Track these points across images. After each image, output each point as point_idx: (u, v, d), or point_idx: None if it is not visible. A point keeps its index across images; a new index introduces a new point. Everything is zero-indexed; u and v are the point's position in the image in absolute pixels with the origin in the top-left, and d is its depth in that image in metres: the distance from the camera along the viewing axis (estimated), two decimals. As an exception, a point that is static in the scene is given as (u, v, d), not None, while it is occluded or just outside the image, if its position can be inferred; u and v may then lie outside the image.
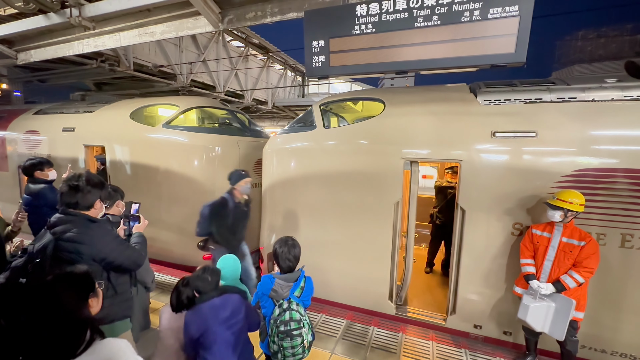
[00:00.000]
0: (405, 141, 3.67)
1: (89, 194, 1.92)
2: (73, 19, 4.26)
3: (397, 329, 3.59)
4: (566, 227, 2.82)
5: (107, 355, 1.11)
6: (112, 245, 1.96)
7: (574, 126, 3.10)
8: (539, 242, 2.95)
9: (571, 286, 2.72)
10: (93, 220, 1.96)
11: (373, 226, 3.85)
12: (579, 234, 2.77)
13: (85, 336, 1.11)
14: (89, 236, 1.86)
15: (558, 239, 2.84)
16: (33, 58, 6.01)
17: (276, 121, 15.52)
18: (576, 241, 2.75)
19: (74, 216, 1.90)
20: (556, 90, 3.33)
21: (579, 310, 2.80)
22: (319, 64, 2.97)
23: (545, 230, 2.94)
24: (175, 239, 5.08)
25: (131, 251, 2.08)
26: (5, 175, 6.73)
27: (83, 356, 1.08)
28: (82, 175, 1.96)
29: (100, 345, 1.12)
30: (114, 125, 5.56)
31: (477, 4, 2.36)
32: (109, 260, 1.94)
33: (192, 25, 4.29)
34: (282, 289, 2.02)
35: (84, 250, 1.83)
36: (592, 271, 2.68)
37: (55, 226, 1.86)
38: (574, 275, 2.71)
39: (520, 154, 3.22)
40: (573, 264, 2.77)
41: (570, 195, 2.75)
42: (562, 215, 2.77)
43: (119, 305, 2.08)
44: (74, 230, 1.84)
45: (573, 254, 2.75)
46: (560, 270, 2.81)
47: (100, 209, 2.04)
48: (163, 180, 5.09)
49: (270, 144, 4.61)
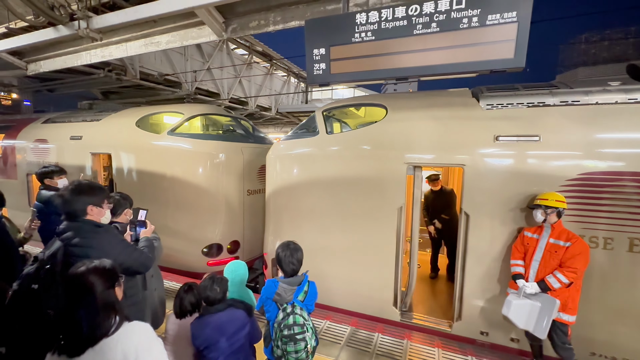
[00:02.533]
0: (407, 146, 3.68)
1: (76, 202, 1.95)
2: (81, 30, 4.38)
3: (402, 335, 3.55)
4: (554, 229, 2.89)
5: (135, 336, 1.30)
6: (119, 248, 1.98)
7: (579, 129, 3.08)
8: (528, 243, 3.03)
9: (555, 286, 2.77)
10: (99, 225, 1.99)
11: (376, 231, 3.84)
12: (566, 235, 2.83)
13: (114, 318, 1.29)
14: (96, 240, 1.90)
15: (546, 239, 2.92)
16: (42, 69, 6.17)
17: (280, 127, 15.61)
18: (562, 242, 2.82)
19: (79, 222, 1.94)
20: (559, 93, 3.32)
21: (567, 312, 2.81)
22: (320, 72, 3.00)
23: (535, 233, 3.03)
24: (180, 245, 5.12)
25: (139, 253, 2.10)
26: (15, 183, 6.86)
27: (115, 335, 1.26)
28: (69, 185, 2.00)
29: (129, 326, 1.32)
30: (120, 133, 5.65)
31: (476, 10, 2.38)
32: (118, 264, 1.96)
33: (196, 35, 4.38)
34: (285, 293, 2.03)
35: (93, 254, 1.85)
36: (575, 271, 2.71)
37: (62, 233, 1.90)
38: (557, 276, 2.76)
39: (524, 158, 3.21)
40: (559, 264, 2.82)
41: (548, 195, 2.89)
42: (543, 213, 2.88)
43: (128, 308, 2.11)
44: (81, 235, 1.88)
45: (558, 254, 2.81)
46: (546, 271, 2.88)
47: (99, 213, 2.05)
48: (168, 187, 5.14)
49: (274, 150, 4.65)
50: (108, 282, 1.37)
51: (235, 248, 5.41)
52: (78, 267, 1.35)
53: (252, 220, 5.60)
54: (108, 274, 1.39)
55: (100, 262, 1.42)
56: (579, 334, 3.02)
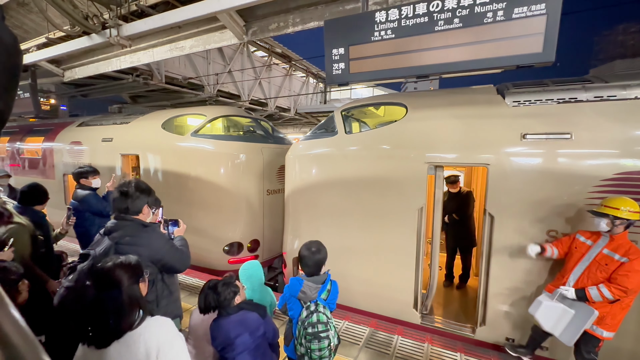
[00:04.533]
0: (428, 145, 3.60)
1: (138, 199, 2.04)
2: (112, 38, 4.64)
3: (422, 339, 3.48)
4: (613, 239, 2.58)
5: (157, 330, 1.33)
6: (166, 247, 2.07)
7: (615, 126, 2.88)
8: (577, 247, 2.78)
9: (594, 298, 2.52)
10: (145, 225, 2.07)
11: (396, 232, 3.79)
12: (625, 250, 2.50)
13: (138, 312, 1.34)
14: (145, 239, 1.99)
15: (599, 249, 2.63)
16: (77, 75, 6.59)
17: (298, 128, 15.74)
18: (618, 255, 2.50)
19: (128, 221, 2.03)
20: (593, 88, 3.13)
21: (602, 327, 2.59)
22: (339, 71, 3.00)
23: (589, 239, 2.74)
24: (202, 243, 5.28)
25: (180, 253, 2.19)
26: (53, 182, 7.34)
27: (138, 329, 1.30)
28: (131, 182, 2.08)
29: (152, 321, 1.37)
30: (147, 135, 5.91)
31: (501, 4, 2.29)
32: (163, 262, 2.06)
33: (218, 39, 4.52)
34: (310, 291, 2.05)
35: (143, 252, 1.95)
36: (625, 291, 2.42)
37: (112, 231, 1.98)
38: (602, 290, 2.49)
39: (554, 156, 3.04)
40: (607, 278, 2.55)
41: (620, 203, 2.50)
42: (609, 224, 2.53)
43: (173, 304, 2.21)
44: (131, 234, 1.97)
45: (609, 267, 2.53)
46: (589, 281, 2.63)
47: (148, 214, 2.15)
48: (191, 187, 5.32)
49: (293, 151, 4.70)
50: (133, 277, 1.42)
51: (255, 247, 5.51)
52: (106, 262, 1.42)
53: (271, 220, 5.68)
54: (133, 269, 1.45)
55: (126, 258, 1.48)
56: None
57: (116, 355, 1.26)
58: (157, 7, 4.60)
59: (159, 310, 2.07)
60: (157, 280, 2.07)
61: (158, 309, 2.07)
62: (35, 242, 2.67)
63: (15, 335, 0.47)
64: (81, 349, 1.32)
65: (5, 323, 0.47)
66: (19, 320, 0.49)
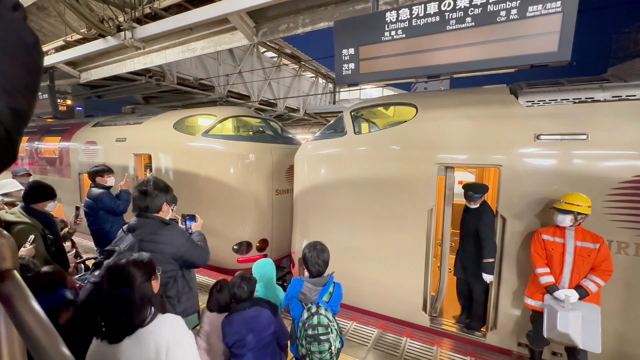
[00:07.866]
0: (439, 146, 3.55)
1: (157, 197, 2.08)
2: (126, 40, 4.75)
3: (431, 341, 3.44)
4: (577, 231, 2.74)
5: (167, 328, 1.34)
6: (187, 244, 2.11)
7: (634, 127, 2.79)
8: (553, 248, 2.81)
9: (593, 290, 2.62)
10: (166, 223, 2.11)
11: (406, 233, 3.75)
12: (590, 237, 2.69)
13: (149, 309, 1.35)
14: (167, 237, 2.02)
15: (572, 243, 2.73)
16: (93, 77, 6.76)
17: (308, 128, 15.76)
18: (591, 244, 2.66)
19: (149, 219, 2.07)
20: (611, 87, 3.03)
21: None
22: (349, 72, 2.99)
23: (556, 235, 2.80)
24: (212, 242, 5.32)
25: (200, 249, 2.22)
26: (69, 181, 7.55)
27: (149, 326, 1.32)
28: (150, 181, 2.12)
29: (162, 318, 1.38)
30: (159, 135, 6.02)
31: (515, 2, 2.24)
32: (185, 258, 2.09)
33: (229, 40, 4.57)
34: (310, 293, 2.04)
35: (166, 249, 1.99)
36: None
37: (135, 229, 2.03)
38: (595, 280, 2.62)
39: (569, 158, 2.97)
40: (591, 267, 2.66)
41: (579, 199, 2.68)
42: (573, 220, 2.71)
43: (193, 299, 2.25)
44: (153, 232, 2.01)
45: (591, 258, 2.64)
46: (580, 276, 2.69)
47: (167, 211, 2.19)
48: (202, 186, 5.39)
49: (302, 151, 4.71)
50: (146, 274, 1.44)
51: (264, 246, 5.55)
52: (120, 258, 1.44)
53: (280, 220, 5.71)
54: (146, 267, 1.46)
55: (140, 255, 1.50)
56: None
57: (127, 351, 1.28)
58: (170, 9, 4.68)
59: (181, 305, 2.11)
60: (178, 277, 2.10)
61: (179, 304, 2.11)
62: (46, 241, 2.71)
63: (37, 326, 0.49)
64: (95, 343, 1.34)
65: (28, 316, 0.49)
66: (40, 313, 0.50)
